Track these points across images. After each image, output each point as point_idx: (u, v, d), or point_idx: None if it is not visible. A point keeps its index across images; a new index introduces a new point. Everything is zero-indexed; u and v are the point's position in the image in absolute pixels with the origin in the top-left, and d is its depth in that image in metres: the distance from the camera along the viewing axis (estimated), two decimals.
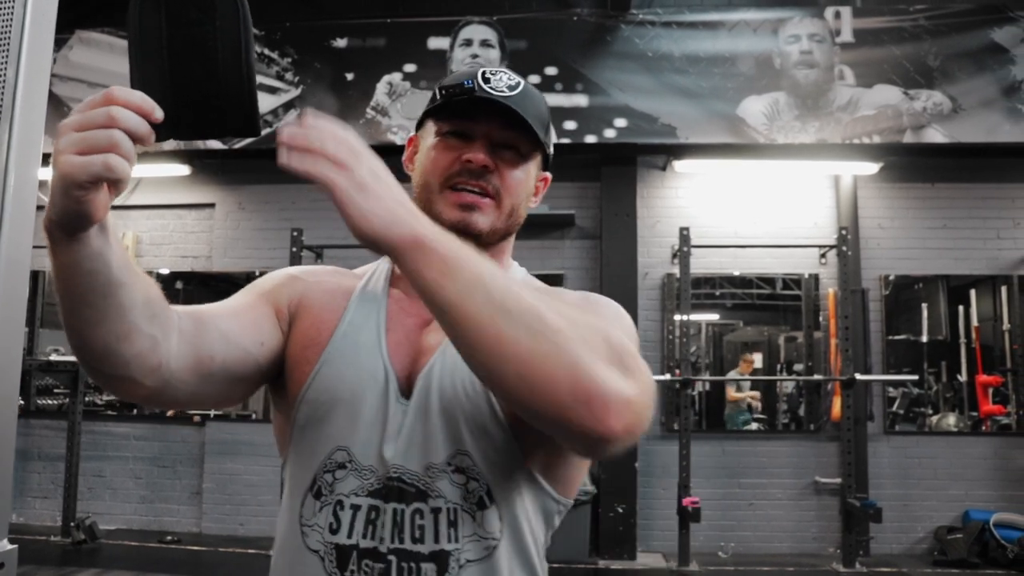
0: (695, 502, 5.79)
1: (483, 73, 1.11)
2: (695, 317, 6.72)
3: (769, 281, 6.79)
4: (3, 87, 1.09)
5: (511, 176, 1.13)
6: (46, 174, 0.80)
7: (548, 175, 1.26)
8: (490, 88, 1.09)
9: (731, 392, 6.85)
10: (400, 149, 4.42)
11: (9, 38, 1.08)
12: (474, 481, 1.02)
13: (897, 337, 6.64)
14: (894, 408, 6.58)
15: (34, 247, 1.15)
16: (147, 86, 0.71)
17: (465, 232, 1.07)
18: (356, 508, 1.01)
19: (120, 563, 5.92)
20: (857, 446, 6.13)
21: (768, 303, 6.90)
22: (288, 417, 1.11)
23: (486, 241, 1.11)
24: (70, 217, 0.77)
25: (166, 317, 0.94)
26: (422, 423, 1.03)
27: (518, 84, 1.12)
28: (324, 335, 1.09)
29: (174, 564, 5.95)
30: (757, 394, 6.84)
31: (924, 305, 6.69)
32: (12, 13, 1.10)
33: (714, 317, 6.94)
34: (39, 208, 1.24)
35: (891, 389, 6.57)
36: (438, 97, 1.11)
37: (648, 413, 0.88)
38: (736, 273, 6.75)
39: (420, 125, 1.19)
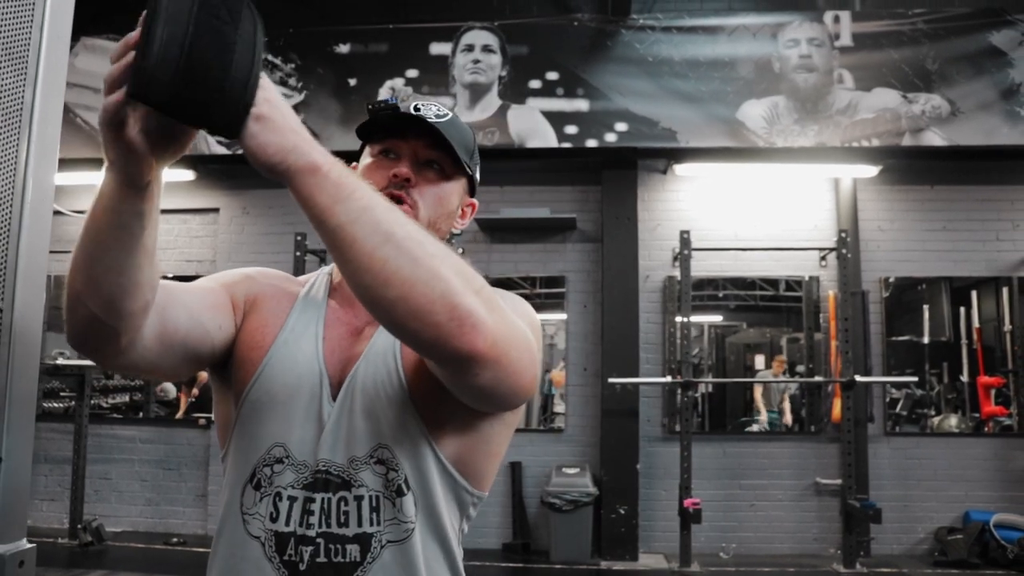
0: (696, 503, 5.83)
1: (415, 105, 1.22)
2: (698, 319, 6.78)
3: (771, 283, 6.84)
4: (21, 100, 1.13)
5: (430, 191, 1.22)
6: (61, 180, 0.86)
7: (475, 201, 1.35)
8: (419, 114, 1.20)
9: (758, 394, 6.87)
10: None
11: (28, 50, 1.12)
12: (393, 471, 1.11)
13: (900, 338, 6.68)
14: (897, 409, 6.61)
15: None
16: (165, 46, 0.74)
17: None
18: (293, 499, 1.10)
19: (127, 565, 5.99)
20: (857, 447, 6.16)
21: (770, 305, 6.95)
22: (230, 412, 1.19)
23: None
24: (113, 156, 0.88)
25: (153, 294, 1.01)
26: (347, 420, 1.12)
27: (446, 114, 1.24)
28: (268, 339, 1.18)
29: (180, 566, 6.01)
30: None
31: (926, 307, 6.72)
32: (31, 24, 1.14)
33: (716, 319, 6.99)
34: (56, 214, 1.29)
35: (894, 390, 6.60)
36: (368, 108, 1.21)
37: (516, 352, 0.97)
38: (737, 275, 6.80)
39: (359, 155, 1.30)
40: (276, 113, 0.84)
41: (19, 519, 1.12)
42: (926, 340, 6.68)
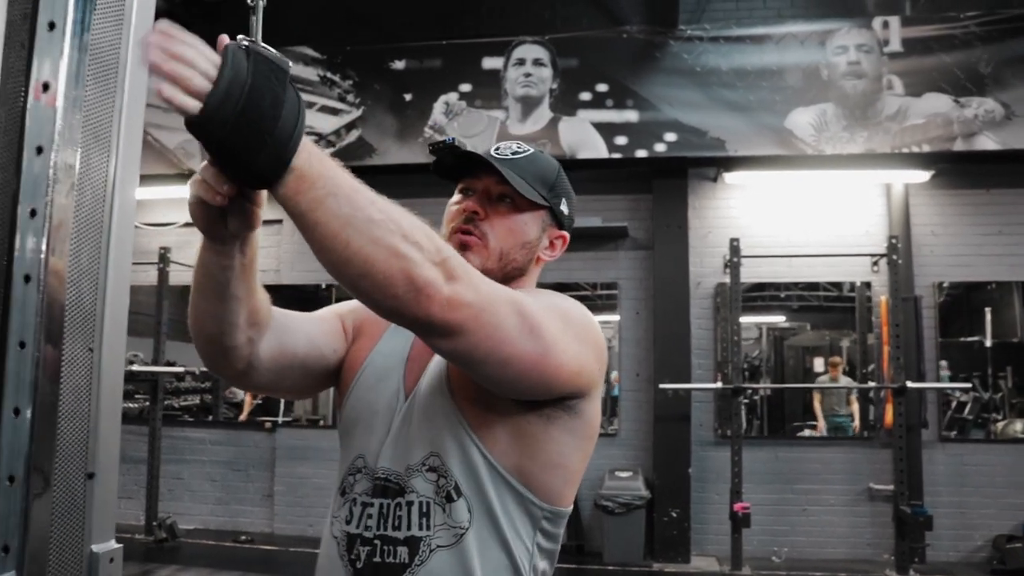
0: (746, 507, 5.90)
1: (496, 146, 1.35)
2: (755, 319, 6.87)
3: (823, 288, 6.87)
4: (110, 122, 1.27)
5: (500, 223, 1.31)
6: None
7: (565, 233, 1.42)
8: (495, 153, 1.33)
9: (817, 400, 6.92)
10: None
11: (116, 75, 1.26)
12: (443, 478, 1.20)
13: (968, 339, 6.63)
14: (964, 413, 6.57)
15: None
16: (228, 88, 0.84)
17: None
18: (365, 505, 1.24)
19: (199, 561, 6.29)
20: (910, 453, 6.15)
21: (827, 306, 6.99)
22: (340, 423, 1.37)
23: None
24: (199, 224, 1.05)
25: (265, 323, 1.21)
26: (406, 431, 1.24)
27: (524, 151, 1.34)
28: (359, 362, 1.34)
29: (248, 562, 6.28)
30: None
31: (988, 309, 6.67)
32: (119, 49, 1.31)
33: (774, 320, 7.06)
34: (148, 226, 1.49)
35: (961, 395, 6.56)
36: (429, 150, 1.32)
37: (489, 316, 1.04)
38: (790, 281, 6.84)
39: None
40: (311, 161, 0.93)
41: (108, 523, 1.31)
42: (988, 343, 6.62)
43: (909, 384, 5.94)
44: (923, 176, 6.46)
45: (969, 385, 6.36)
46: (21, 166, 1.02)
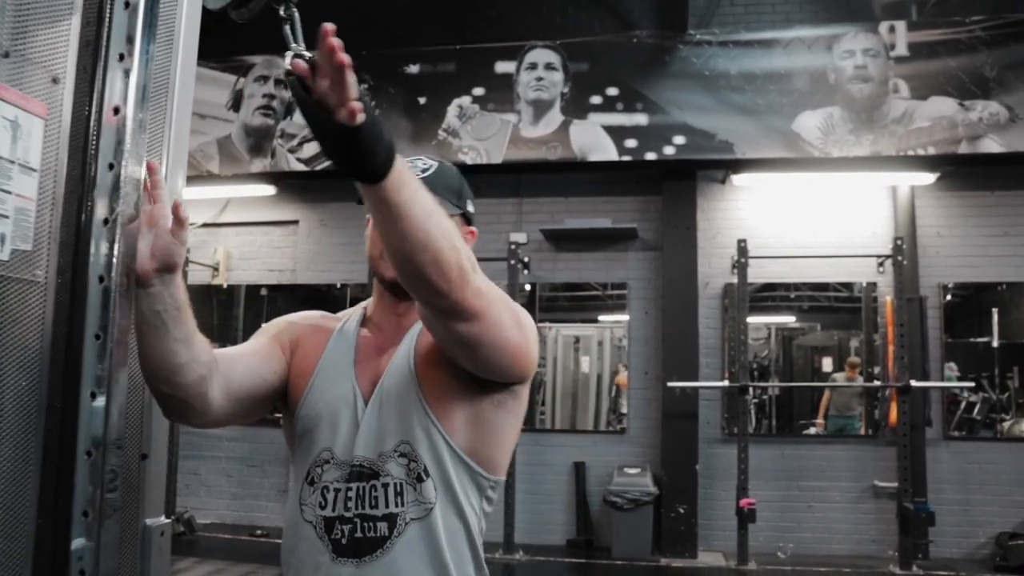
0: (751, 503, 6.02)
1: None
2: (763, 319, 6.99)
3: (832, 288, 6.97)
4: (163, 127, 1.39)
5: None
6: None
7: (473, 229, 1.58)
8: None
9: (824, 400, 7.04)
10: (471, 168, 4.90)
11: (168, 85, 1.39)
12: (413, 462, 1.37)
13: (978, 340, 6.73)
14: (974, 414, 6.66)
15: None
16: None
17: (396, 282, 1.41)
18: (337, 491, 1.38)
19: (216, 554, 6.43)
20: (914, 451, 6.25)
21: (836, 307, 7.09)
22: (291, 428, 1.50)
23: None
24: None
25: (210, 361, 1.36)
26: (376, 424, 1.40)
27: (430, 167, 1.50)
28: (310, 368, 1.49)
29: (264, 555, 6.43)
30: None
31: (995, 310, 6.75)
32: (170, 66, 1.45)
33: (783, 320, 7.18)
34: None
35: (970, 395, 6.65)
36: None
37: (497, 308, 1.26)
38: (797, 281, 6.96)
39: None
40: (401, 171, 1.11)
41: (159, 500, 1.45)
42: (995, 343, 6.71)
43: (913, 383, 6.04)
44: (929, 178, 6.56)
45: (972, 384, 6.46)
46: (95, 180, 1.15)
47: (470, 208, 1.57)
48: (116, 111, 1.14)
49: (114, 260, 1.13)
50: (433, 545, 1.36)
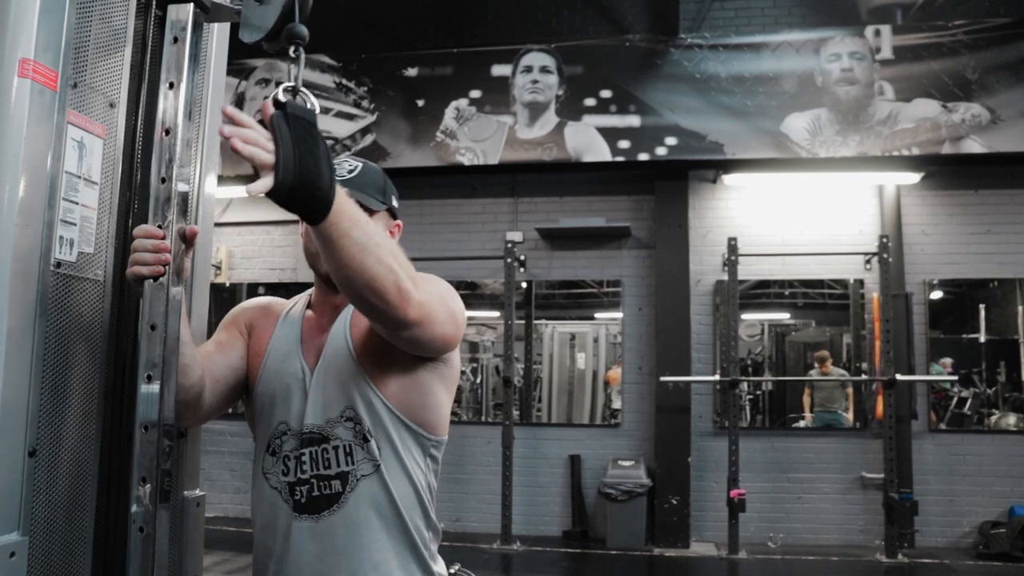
0: (741, 493, 6.21)
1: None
2: (756, 317, 7.18)
3: (824, 286, 7.17)
4: (198, 133, 1.53)
5: None
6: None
7: (399, 222, 1.72)
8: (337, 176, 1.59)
9: (806, 395, 7.25)
10: (469, 169, 5.06)
11: (203, 96, 1.52)
12: (359, 425, 1.53)
13: (969, 336, 6.93)
14: (964, 409, 6.85)
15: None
16: (283, 166, 1.14)
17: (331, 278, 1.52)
18: (297, 458, 1.54)
19: (220, 546, 6.57)
20: (900, 443, 6.44)
21: (824, 306, 7.29)
22: (251, 405, 1.66)
23: None
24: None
25: (201, 362, 1.52)
26: (322, 393, 1.55)
27: (355, 168, 1.62)
28: (262, 349, 1.65)
29: None
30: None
31: (982, 306, 6.94)
32: (205, 81, 1.62)
33: (777, 317, 7.39)
34: (219, 225, 1.80)
35: (961, 389, 6.84)
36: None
37: (435, 312, 1.42)
38: (786, 278, 7.15)
39: None
40: (340, 205, 1.23)
41: (195, 474, 1.63)
42: (983, 339, 6.89)
43: (899, 377, 6.23)
44: (913, 178, 6.75)
45: (956, 377, 6.65)
46: (149, 191, 1.33)
47: (395, 203, 1.70)
48: (167, 132, 1.32)
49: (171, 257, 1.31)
50: (382, 497, 1.53)
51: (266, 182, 1.16)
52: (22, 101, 1.17)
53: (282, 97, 1.20)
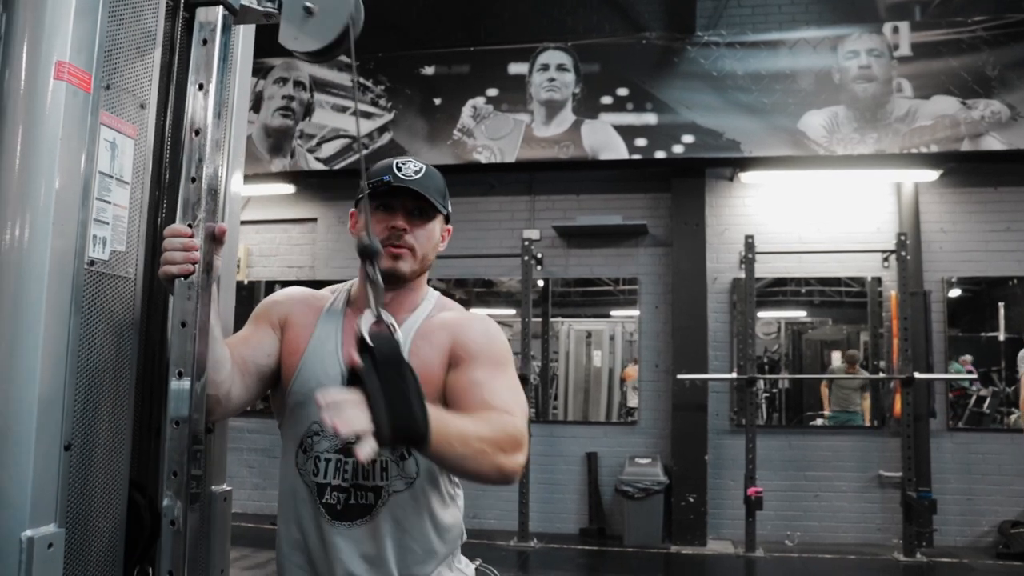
0: (758, 491, 6.21)
1: (396, 164, 1.61)
2: (773, 315, 7.16)
3: (842, 284, 7.14)
4: (224, 133, 1.62)
5: (420, 233, 1.62)
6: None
7: (450, 227, 1.74)
8: (402, 175, 1.58)
9: (824, 393, 7.23)
10: (485, 167, 5.07)
11: (231, 99, 1.55)
12: None
13: (990, 334, 6.89)
14: (983, 408, 6.82)
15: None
16: (379, 421, 1.18)
17: (394, 274, 1.57)
18: (328, 460, 1.56)
19: (239, 541, 6.60)
20: (918, 441, 6.41)
21: (841, 304, 7.26)
22: (282, 400, 1.65)
23: (408, 280, 1.62)
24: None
25: (231, 360, 1.53)
26: None
27: (421, 169, 1.62)
28: (301, 346, 1.63)
29: None
30: None
31: (1001, 304, 6.90)
32: (230, 92, 1.64)
33: (794, 315, 7.37)
34: (244, 224, 1.83)
35: (981, 388, 6.81)
36: (367, 187, 1.54)
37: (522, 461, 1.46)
38: (803, 276, 7.12)
39: (356, 204, 1.67)
40: (436, 434, 1.26)
41: (222, 469, 1.67)
42: (1002, 337, 6.85)
43: (916, 375, 6.21)
44: (932, 175, 6.71)
45: (975, 375, 6.62)
46: (178, 191, 1.35)
47: (450, 208, 1.71)
48: (197, 132, 1.34)
49: (200, 256, 1.33)
50: (412, 513, 1.56)
51: (369, 445, 1.18)
52: (58, 103, 1.20)
53: (368, 339, 1.25)
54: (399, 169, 1.59)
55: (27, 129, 1.18)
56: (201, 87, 1.35)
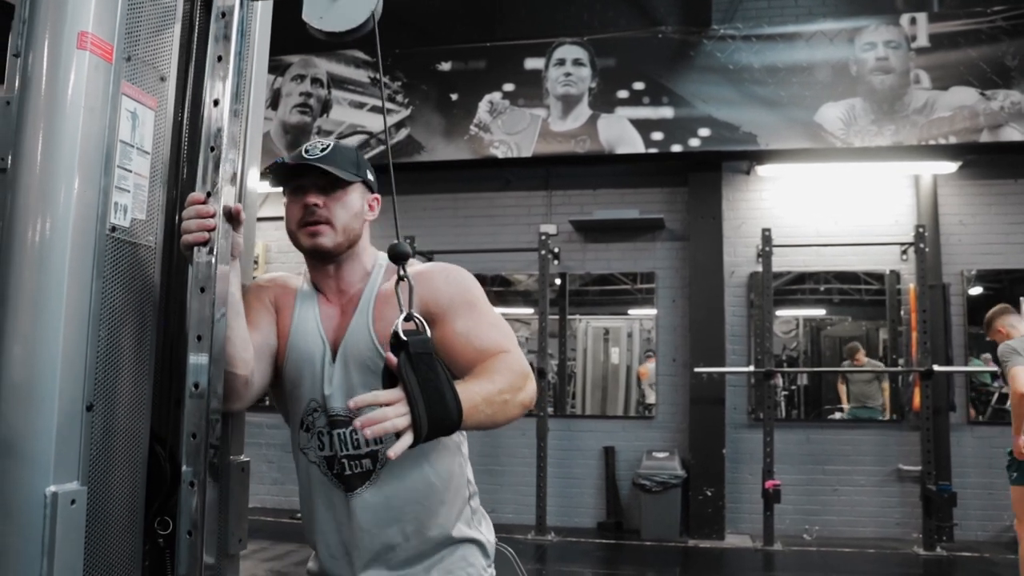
0: (776, 484, 6.20)
1: (304, 147, 1.63)
2: (792, 313, 7.14)
3: (861, 280, 7.11)
4: (240, 132, 1.58)
5: (336, 205, 1.63)
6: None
7: (377, 195, 1.76)
8: (308, 156, 1.60)
9: (842, 388, 7.20)
10: (502, 162, 5.12)
11: (249, 98, 1.59)
12: None
13: None
14: (1006, 405, 6.74)
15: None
16: (418, 416, 1.26)
17: (318, 250, 1.62)
18: (328, 435, 1.61)
19: (258, 534, 6.70)
20: (938, 435, 6.37)
21: (859, 300, 7.22)
22: (277, 381, 1.68)
23: (336, 252, 1.65)
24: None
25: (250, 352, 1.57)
26: (344, 379, 1.60)
27: (328, 146, 1.63)
28: (286, 328, 1.67)
29: (303, 536, 6.68)
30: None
31: (1023, 299, 6.83)
32: (250, 52, 1.68)
33: (811, 313, 7.32)
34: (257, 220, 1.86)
35: (1003, 384, 6.72)
36: (268, 173, 1.63)
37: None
38: (823, 270, 7.09)
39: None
40: (466, 413, 1.34)
41: (240, 440, 1.70)
42: None
43: (936, 368, 6.17)
44: (951, 167, 6.67)
45: (996, 368, 6.55)
46: (197, 161, 1.39)
47: (370, 176, 1.72)
48: (216, 103, 1.37)
49: (217, 223, 1.36)
50: (412, 468, 1.59)
51: (406, 440, 1.26)
52: (81, 72, 1.23)
53: (403, 335, 1.32)
54: (306, 152, 1.61)
55: (50, 95, 1.21)
56: (220, 59, 1.38)
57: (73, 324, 1.21)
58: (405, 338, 1.31)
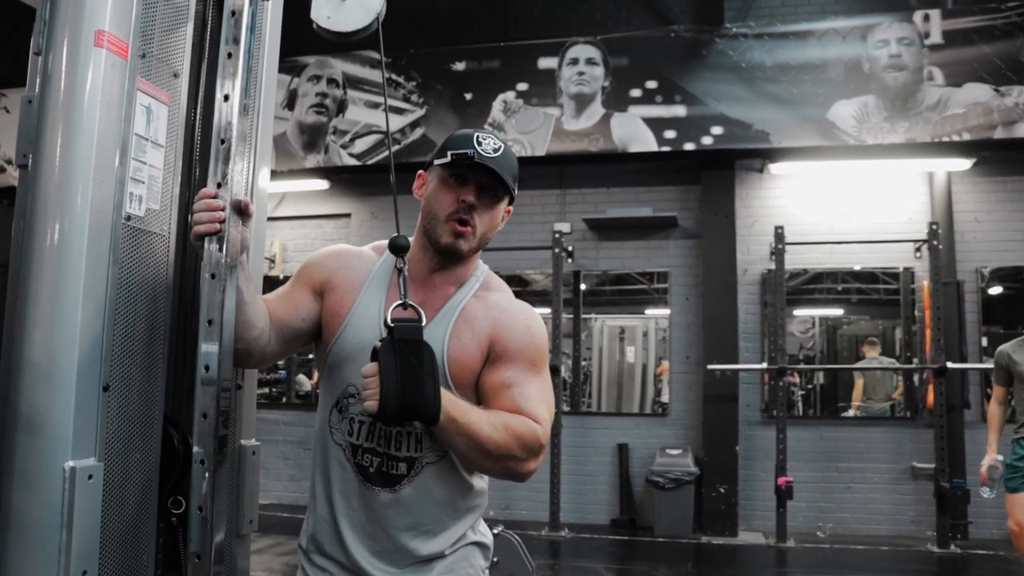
0: (789, 481, 6.21)
1: (477, 137, 1.58)
2: (808, 313, 7.15)
3: (877, 280, 7.11)
4: (250, 132, 1.66)
5: (486, 214, 1.60)
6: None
7: (511, 208, 1.70)
8: (483, 151, 1.56)
9: (858, 385, 7.21)
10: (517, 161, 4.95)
11: (259, 100, 1.67)
12: None
13: None
14: None
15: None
16: (387, 394, 1.33)
17: (454, 251, 1.58)
18: (362, 423, 1.59)
19: (274, 529, 6.77)
20: (952, 432, 6.36)
21: (874, 298, 7.22)
22: (322, 358, 1.66)
23: (464, 257, 1.62)
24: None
25: (267, 316, 1.60)
26: None
27: (500, 147, 1.59)
28: (344, 310, 1.62)
29: None
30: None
31: None
32: (261, 49, 1.74)
33: (826, 313, 7.36)
34: (273, 219, 1.91)
35: None
36: (448, 156, 1.56)
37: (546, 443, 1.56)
38: (837, 268, 7.09)
39: (428, 167, 1.69)
40: (446, 419, 1.40)
41: (251, 425, 1.75)
42: None
43: (949, 365, 6.17)
44: (965, 164, 6.66)
45: None
46: (209, 155, 1.45)
47: (515, 192, 1.67)
48: (226, 98, 1.43)
49: (227, 215, 1.42)
50: (443, 484, 1.59)
51: (371, 406, 1.35)
52: (98, 68, 1.29)
53: (391, 322, 1.40)
54: (479, 143, 1.56)
55: (69, 91, 1.28)
56: (230, 56, 1.44)
57: (90, 308, 1.28)
58: (392, 324, 1.38)
